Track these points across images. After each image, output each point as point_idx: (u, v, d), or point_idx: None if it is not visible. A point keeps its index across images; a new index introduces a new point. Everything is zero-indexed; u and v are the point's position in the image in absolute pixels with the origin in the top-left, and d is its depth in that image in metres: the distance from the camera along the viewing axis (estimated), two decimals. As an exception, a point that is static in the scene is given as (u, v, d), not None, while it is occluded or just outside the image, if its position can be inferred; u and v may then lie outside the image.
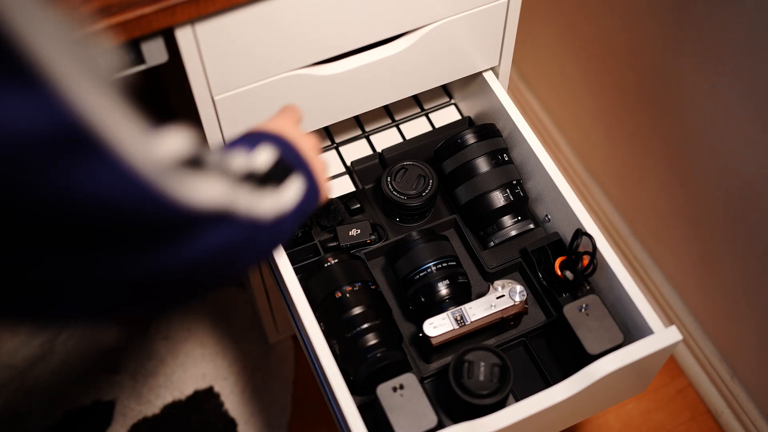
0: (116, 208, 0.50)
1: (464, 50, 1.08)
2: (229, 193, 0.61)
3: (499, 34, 1.09)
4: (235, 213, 0.62)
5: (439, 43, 1.05)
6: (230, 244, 0.61)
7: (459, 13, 1.03)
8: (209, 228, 0.58)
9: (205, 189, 0.57)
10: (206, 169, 0.59)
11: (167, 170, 0.54)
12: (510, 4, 1.06)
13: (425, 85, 1.10)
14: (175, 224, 0.55)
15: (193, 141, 0.60)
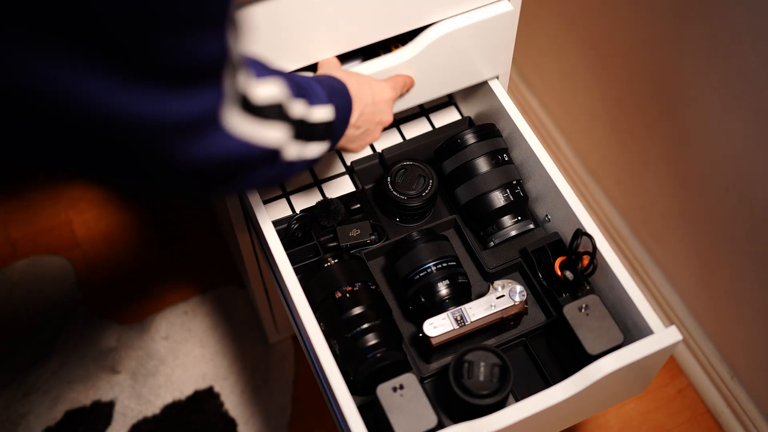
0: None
1: (471, 59, 1.08)
2: (284, 142, 0.72)
3: (507, 43, 1.09)
4: (280, 154, 0.73)
5: (445, 53, 1.05)
6: (265, 175, 0.73)
7: (462, 12, 1.03)
8: (259, 162, 0.70)
9: (270, 133, 0.69)
10: (280, 118, 0.71)
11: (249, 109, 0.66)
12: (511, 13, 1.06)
13: (431, 94, 1.10)
14: (235, 159, 0.66)
15: (285, 90, 0.73)
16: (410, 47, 1.02)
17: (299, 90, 0.78)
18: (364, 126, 0.94)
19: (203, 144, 0.61)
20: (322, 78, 0.89)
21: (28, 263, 1.73)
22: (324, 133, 0.83)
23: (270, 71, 0.73)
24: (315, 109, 0.80)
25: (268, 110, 0.70)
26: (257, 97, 0.68)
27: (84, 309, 1.67)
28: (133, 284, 1.71)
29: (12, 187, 1.83)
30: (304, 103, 0.78)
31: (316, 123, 0.81)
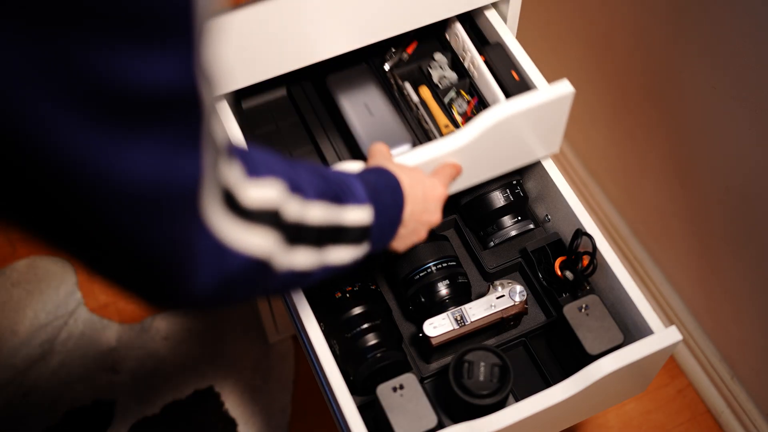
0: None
1: (525, 142, 1.01)
2: (273, 250, 0.63)
3: (561, 122, 1.01)
4: (270, 263, 0.64)
5: (500, 138, 0.97)
6: (250, 279, 0.63)
7: (525, 107, 0.95)
8: (242, 265, 0.61)
9: (252, 240, 0.60)
10: (271, 224, 0.62)
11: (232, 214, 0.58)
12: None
13: (478, 177, 1.01)
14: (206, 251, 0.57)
15: (282, 192, 0.63)
16: (466, 132, 0.93)
17: (327, 188, 0.71)
18: (411, 226, 0.85)
19: (172, 228, 0.51)
20: (369, 173, 0.81)
21: (28, 263, 1.73)
22: (357, 237, 0.75)
23: (267, 169, 0.63)
24: (347, 211, 0.73)
25: (258, 215, 0.61)
26: (248, 199, 0.60)
27: (84, 309, 1.67)
28: (133, 284, 1.71)
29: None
30: (328, 204, 0.70)
31: (348, 227, 0.73)
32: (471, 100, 1.06)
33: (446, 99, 1.06)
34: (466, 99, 1.06)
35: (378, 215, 0.77)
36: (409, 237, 0.86)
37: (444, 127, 1.02)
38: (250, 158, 0.62)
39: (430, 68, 1.10)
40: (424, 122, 1.03)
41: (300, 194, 0.67)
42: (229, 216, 0.58)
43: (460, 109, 1.05)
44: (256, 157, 0.64)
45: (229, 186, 0.58)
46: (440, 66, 1.09)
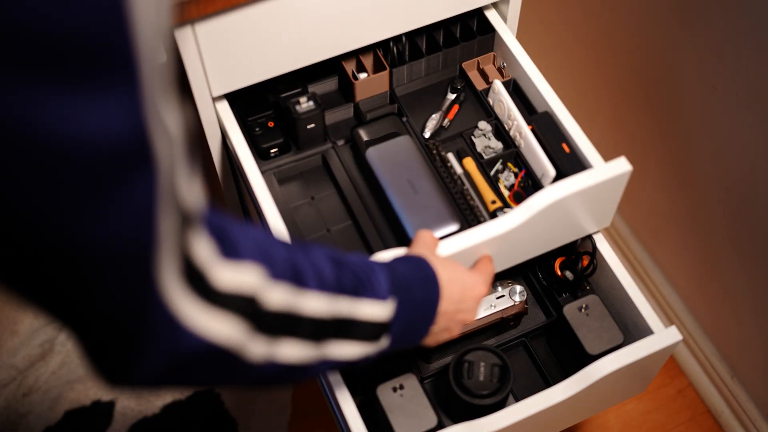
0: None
1: (578, 219, 0.96)
2: (241, 340, 0.57)
3: (614, 201, 0.97)
4: (239, 353, 0.57)
5: (554, 217, 0.92)
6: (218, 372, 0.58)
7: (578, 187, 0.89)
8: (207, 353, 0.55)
9: (215, 326, 0.54)
10: (243, 311, 0.56)
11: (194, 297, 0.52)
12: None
13: (527, 256, 0.97)
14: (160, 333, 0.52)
15: (262, 278, 0.57)
16: (517, 214, 0.89)
17: (341, 277, 0.65)
18: (443, 324, 0.78)
19: (121, 294, 0.47)
20: (403, 263, 0.75)
21: (28, 263, 1.73)
22: (371, 334, 0.69)
23: (248, 252, 0.57)
24: (360, 305, 0.67)
25: (228, 301, 0.55)
26: (219, 282, 0.54)
27: (84, 309, 1.67)
28: (133, 284, 1.71)
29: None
30: (335, 296, 0.64)
31: (359, 321, 0.67)
32: (519, 173, 1.01)
33: (492, 171, 1.01)
34: (513, 171, 1.01)
35: (402, 311, 0.71)
36: (440, 334, 0.79)
37: (491, 204, 0.97)
38: (229, 236, 0.56)
39: (473, 137, 1.04)
40: (470, 198, 0.98)
41: (293, 283, 0.61)
42: (190, 294, 0.52)
43: (506, 182, 1.00)
44: (237, 237, 0.57)
45: (198, 263, 0.52)
46: (484, 134, 1.04)
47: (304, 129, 1.01)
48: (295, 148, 1.04)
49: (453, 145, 1.04)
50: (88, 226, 0.42)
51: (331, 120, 1.06)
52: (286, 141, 1.03)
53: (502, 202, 0.97)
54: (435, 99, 1.09)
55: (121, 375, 0.52)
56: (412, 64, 1.08)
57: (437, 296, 0.75)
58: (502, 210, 0.97)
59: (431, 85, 1.10)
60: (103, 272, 0.45)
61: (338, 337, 0.66)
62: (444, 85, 1.10)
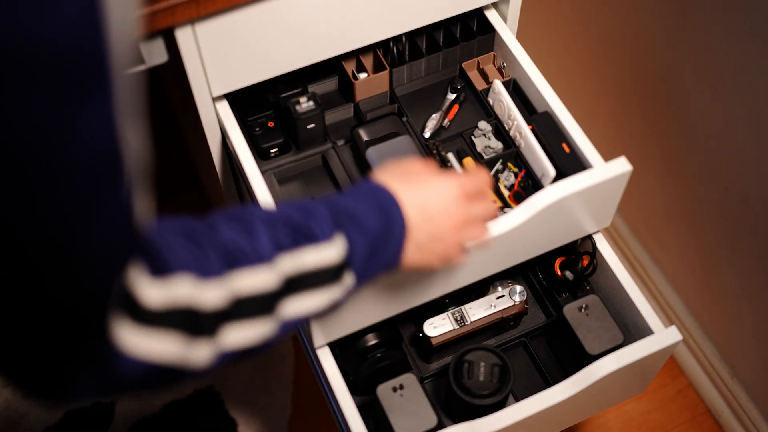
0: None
1: (578, 219, 0.96)
2: (180, 354, 0.55)
3: (614, 201, 0.96)
4: (181, 366, 0.56)
5: (554, 217, 0.92)
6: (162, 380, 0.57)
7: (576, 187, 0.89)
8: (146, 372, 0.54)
9: (153, 347, 0.53)
10: (179, 325, 0.54)
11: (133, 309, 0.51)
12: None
13: (528, 255, 0.97)
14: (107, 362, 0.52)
15: (192, 285, 0.55)
16: (517, 214, 0.88)
17: (276, 237, 0.62)
18: (419, 241, 0.73)
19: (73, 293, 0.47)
20: (348, 197, 0.70)
21: (28, 263, 1.73)
22: (328, 277, 0.65)
23: (176, 262, 0.55)
24: (304, 255, 0.64)
25: (163, 318, 0.54)
26: (148, 302, 0.53)
27: (84, 309, 1.67)
28: (133, 284, 1.71)
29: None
30: (273, 261, 0.61)
31: (310, 272, 0.64)
32: (519, 173, 1.01)
33: (492, 171, 1.01)
34: (513, 171, 1.01)
35: (357, 242, 0.67)
36: (420, 254, 0.74)
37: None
38: (158, 251, 0.55)
39: (473, 137, 1.04)
40: None
41: (228, 269, 0.58)
42: (123, 319, 0.51)
43: (506, 182, 1.00)
44: (166, 249, 0.55)
45: (127, 287, 0.51)
46: (484, 134, 1.04)
47: (304, 129, 1.01)
48: (295, 148, 1.04)
49: (453, 145, 1.04)
50: (80, 233, 0.43)
51: (331, 120, 1.06)
52: (286, 141, 1.03)
53: (502, 202, 0.98)
54: (435, 99, 1.09)
55: (57, 394, 0.52)
56: (412, 64, 1.08)
57: (396, 212, 0.70)
58: (502, 210, 0.97)
59: (431, 85, 1.10)
60: (75, 276, 0.45)
61: (292, 295, 0.63)
62: (444, 85, 1.10)
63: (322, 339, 0.88)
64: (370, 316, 0.89)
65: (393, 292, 0.87)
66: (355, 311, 0.87)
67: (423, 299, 0.92)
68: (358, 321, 0.89)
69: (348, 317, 0.87)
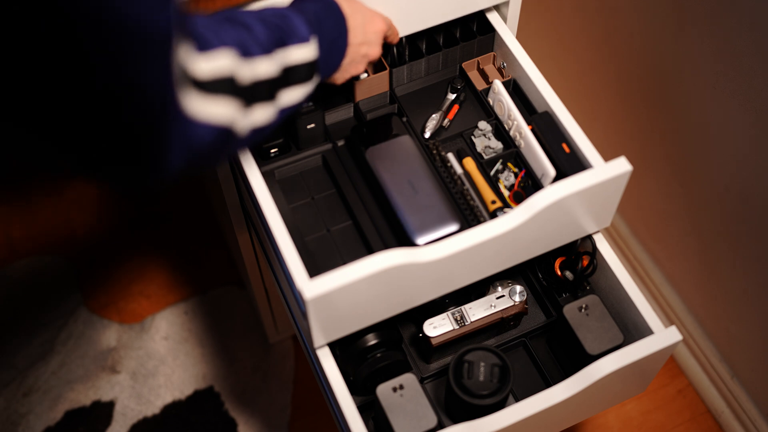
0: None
1: (577, 219, 0.95)
2: (234, 116, 0.67)
3: (614, 201, 0.96)
4: (233, 129, 0.68)
5: (554, 217, 0.92)
6: (215, 143, 0.67)
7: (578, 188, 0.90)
8: (205, 130, 0.64)
9: (214, 109, 0.64)
10: (229, 92, 0.65)
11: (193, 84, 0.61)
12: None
13: (529, 255, 0.97)
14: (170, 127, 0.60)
15: (234, 59, 0.66)
16: (517, 214, 0.89)
17: (271, 35, 0.73)
18: (350, 56, 0.87)
19: (156, 71, 0.56)
20: (309, 2, 0.83)
21: (28, 263, 1.73)
22: (306, 74, 0.78)
23: (218, 40, 0.67)
24: (292, 52, 0.76)
25: (214, 85, 0.65)
26: (200, 72, 0.64)
27: (84, 309, 1.67)
28: (133, 284, 1.71)
29: (12, 188, 1.83)
30: (274, 54, 0.73)
31: (295, 66, 0.76)
32: (519, 173, 1.01)
33: (492, 171, 1.01)
34: (513, 171, 1.01)
35: (323, 47, 0.79)
36: (349, 68, 0.88)
37: (491, 204, 0.97)
38: (199, 34, 0.64)
39: (473, 137, 1.04)
40: (470, 198, 0.98)
41: (250, 56, 0.69)
42: (187, 89, 0.61)
43: (506, 182, 1.00)
44: (204, 32, 0.65)
45: (182, 64, 0.59)
46: (484, 134, 1.04)
47: (304, 129, 1.01)
48: (295, 148, 1.04)
49: (453, 145, 1.04)
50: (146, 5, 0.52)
51: (331, 120, 1.06)
52: (286, 141, 1.03)
53: (502, 202, 0.98)
54: (435, 99, 1.09)
55: (153, 172, 0.61)
56: (412, 64, 1.08)
57: (345, 27, 0.83)
58: (502, 210, 0.97)
59: (431, 85, 1.10)
60: (150, 54, 0.54)
61: (286, 86, 0.75)
62: (444, 85, 1.10)
63: (322, 339, 0.88)
64: (370, 316, 0.89)
65: (393, 292, 0.87)
66: (355, 311, 0.87)
67: (423, 299, 0.92)
68: (358, 321, 0.89)
69: (348, 317, 0.87)
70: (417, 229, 0.92)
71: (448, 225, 0.93)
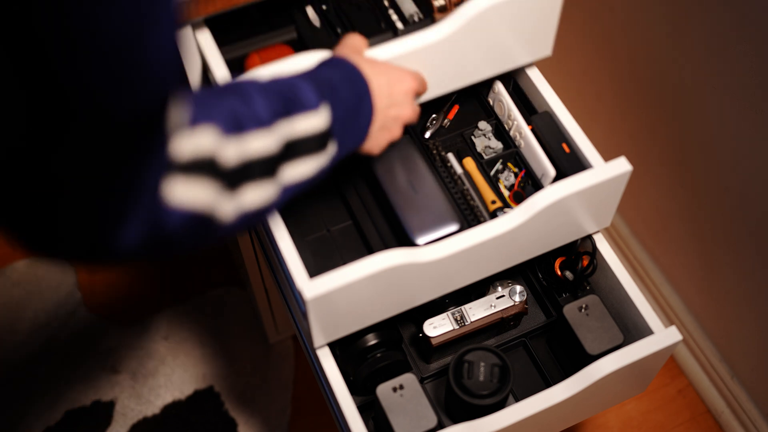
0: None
1: (576, 219, 0.95)
2: (212, 201, 0.59)
3: (614, 201, 0.96)
4: (213, 215, 0.60)
5: (554, 215, 0.92)
6: (195, 233, 0.60)
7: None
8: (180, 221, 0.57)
9: (189, 193, 0.57)
10: (209, 173, 0.58)
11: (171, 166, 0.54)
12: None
13: (528, 255, 0.97)
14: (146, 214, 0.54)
15: (216, 138, 0.59)
16: (516, 214, 0.89)
17: (271, 105, 0.66)
18: (380, 121, 0.80)
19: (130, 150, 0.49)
20: (324, 68, 0.76)
21: (28, 263, 1.73)
22: (316, 145, 0.71)
23: (204, 114, 0.60)
24: (296, 122, 0.68)
25: (192, 167, 0.57)
26: (179, 151, 0.56)
27: (84, 309, 1.67)
28: (133, 284, 1.71)
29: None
30: (273, 126, 0.66)
31: (301, 139, 0.69)
32: (519, 173, 1.01)
33: (492, 171, 1.01)
34: (513, 171, 1.01)
35: (337, 113, 0.72)
36: (381, 135, 0.82)
37: (491, 204, 0.97)
38: (192, 102, 0.59)
39: (473, 137, 1.04)
40: (470, 198, 0.98)
41: (241, 131, 0.62)
42: (159, 167, 0.54)
43: (506, 182, 1.00)
44: (190, 104, 0.59)
45: (165, 137, 0.53)
46: (484, 134, 1.04)
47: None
48: (295, 148, 1.04)
49: (453, 145, 1.04)
50: (140, 38, 0.45)
51: (331, 120, 1.06)
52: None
53: (502, 202, 0.98)
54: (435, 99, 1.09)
55: (101, 243, 0.53)
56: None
57: (367, 92, 0.76)
58: (502, 210, 0.97)
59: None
60: (133, 86, 0.46)
61: (289, 160, 0.68)
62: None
63: (322, 339, 0.88)
64: (370, 316, 0.89)
65: (393, 292, 0.87)
66: (355, 311, 0.87)
67: (423, 299, 0.92)
68: (358, 321, 0.89)
69: (348, 317, 0.87)
70: (417, 229, 0.92)
71: (448, 225, 0.93)
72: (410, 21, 0.92)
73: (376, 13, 0.92)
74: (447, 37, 0.89)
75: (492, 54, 0.94)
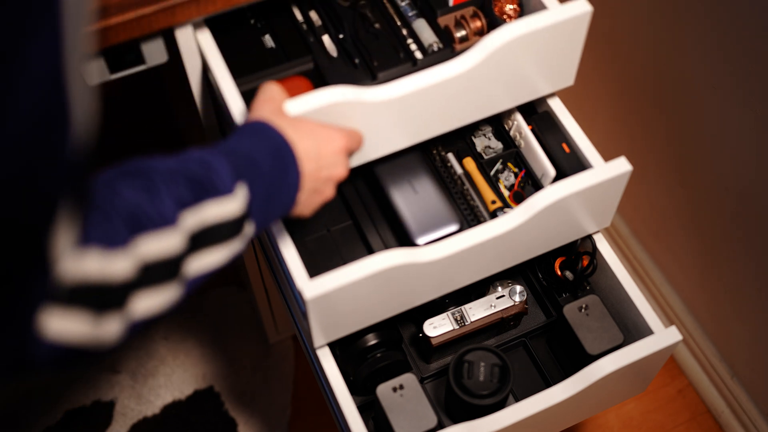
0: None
1: (578, 218, 0.95)
2: (91, 330, 0.52)
3: (614, 201, 0.96)
4: (92, 344, 0.53)
5: (554, 217, 0.92)
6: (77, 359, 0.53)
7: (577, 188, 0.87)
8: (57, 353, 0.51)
9: (64, 326, 0.50)
10: (91, 299, 0.51)
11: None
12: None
13: (528, 255, 0.96)
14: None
15: (102, 258, 0.51)
16: (516, 215, 0.88)
17: (179, 194, 0.60)
18: (309, 186, 0.74)
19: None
20: (243, 137, 0.70)
21: (28, 263, 1.73)
22: (230, 232, 0.64)
23: (96, 226, 0.52)
24: (206, 210, 0.62)
25: (75, 294, 0.50)
26: (65, 276, 0.49)
27: (84, 309, 1.67)
28: (133, 284, 1.71)
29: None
30: (177, 222, 0.59)
31: (212, 226, 0.62)
32: (519, 173, 1.01)
33: (492, 171, 1.01)
34: (513, 171, 1.01)
35: (256, 191, 0.67)
36: (311, 198, 0.76)
37: (491, 204, 0.97)
38: (87, 208, 0.52)
39: (473, 137, 1.04)
40: (470, 198, 0.98)
41: (137, 234, 0.55)
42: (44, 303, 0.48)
43: (506, 182, 1.00)
44: (91, 203, 0.52)
45: (52, 257, 0.46)
46: (484, 134, 1.04)
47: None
48: (295, 148, 1.04)
49: (453, 145, 1.04)
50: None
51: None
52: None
53: (502, 202, 0.98)
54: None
55: None
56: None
57: (292, 159, 0.71)
58: (502, 210, 0.97)
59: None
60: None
61: (196, 252, 0.62)
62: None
63: (322, 339, 0.88)
64: (370, 316, 0.89)
65: (393, 292, 0.87)
66: (355, 311, 0.87)
67: (423, 299, 0.92)
68: (358, 321, 0.89)
69: (348, 317, 0.87)
70: (417, 229, 0.92)
71: (448, 225, 0.93)
72: (429, 51, 0.92)
73: (395, 43, 0.92)
74: (470, 70, 0.85)
75: (514, 85, 0.92)
